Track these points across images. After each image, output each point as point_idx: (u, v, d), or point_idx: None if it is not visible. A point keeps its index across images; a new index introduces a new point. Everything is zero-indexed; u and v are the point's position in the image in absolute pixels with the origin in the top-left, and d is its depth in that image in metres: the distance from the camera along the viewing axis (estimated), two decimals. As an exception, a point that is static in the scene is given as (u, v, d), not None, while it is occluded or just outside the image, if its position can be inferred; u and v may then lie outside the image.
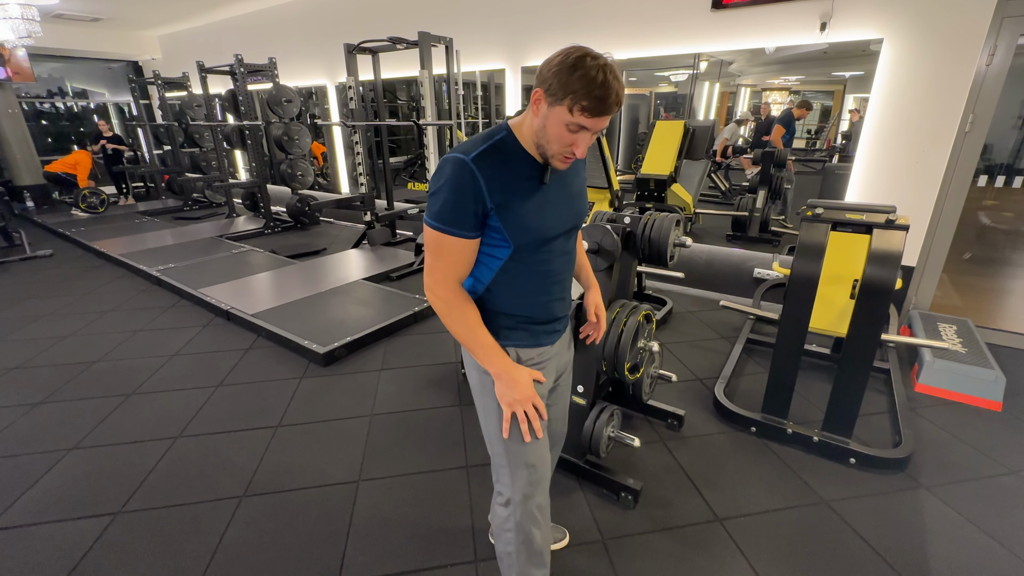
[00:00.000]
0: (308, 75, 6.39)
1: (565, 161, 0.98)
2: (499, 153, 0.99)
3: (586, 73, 0.87)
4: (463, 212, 0.98)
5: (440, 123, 4.24)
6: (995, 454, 2.09)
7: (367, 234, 5.12)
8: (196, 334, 3.35)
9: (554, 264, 1.11)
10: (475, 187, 0.96)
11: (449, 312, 1.05)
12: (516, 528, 1.23)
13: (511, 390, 1.08)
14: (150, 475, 2.04)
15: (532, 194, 1.02)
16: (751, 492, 1.91)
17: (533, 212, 1.02)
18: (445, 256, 1.02)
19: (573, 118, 0.90)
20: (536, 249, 1.06)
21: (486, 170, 0.96)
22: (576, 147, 0.95)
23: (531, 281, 1.10)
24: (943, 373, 2.47)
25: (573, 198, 1.12)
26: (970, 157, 2.80)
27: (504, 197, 0.99)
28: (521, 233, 1.02)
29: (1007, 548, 1.66)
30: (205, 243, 5.43)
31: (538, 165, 1.03)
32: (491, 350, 1.08)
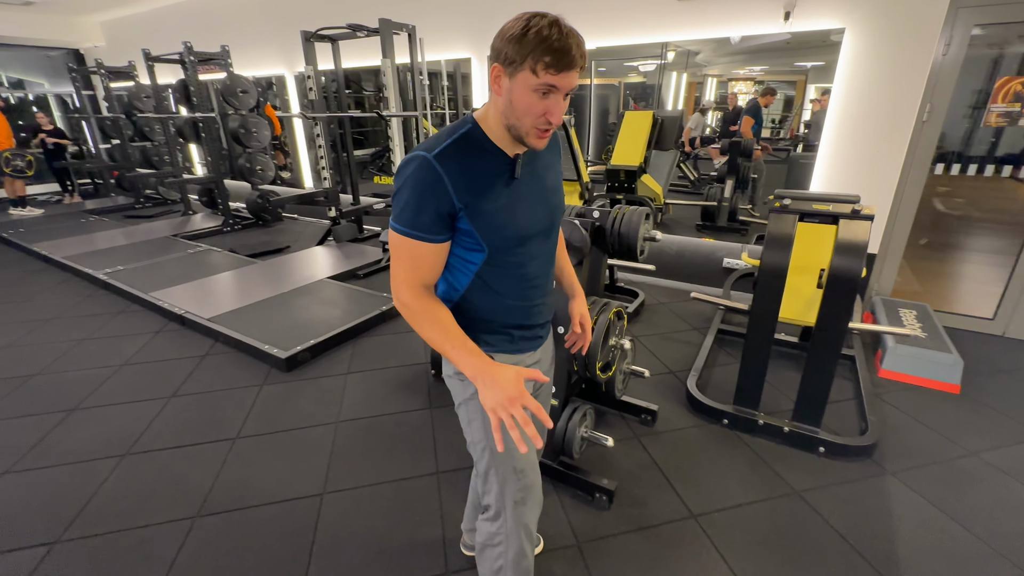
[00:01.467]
0: (264, 64, 6.10)
1: (541, 136, 0.90)
2: (465, 148, 0.92)
3: (539, 30, 0.82)
4: (427, 214, 0.90)
5: (405, 114, 4.10)
6: (955, 436, 2.15)
7: (332, 230, 4.94)
8: (147, 342, 3.15)
9: (531, 266, 1.05)
10: (439, 187, 0.89)
11: (417, 317, 0.97)
12: (506, 541, 1.15)
13: (494, 391, 0.90)
14: (94, 498, 1.89)
15: (503, 191, 0.95)
16: (725, 486, 1.91)
17: (505, 210, 0.95)
18: (410, 261, 0.95)
19: (539, 79, 0.83)
20: (511, 250, 0.99)
21: (451, 167, 0.89)
22: (550, 114, 0.87)
23: (509, 285, 1.03)
24: (905, 358, 2.53)
25: (547, 193, 1.05)
26: (927, 146, 2.86)
27: (472, 196, 0.92)
28: (493, 234, 0.95)
29: (968, 530, 1.70)
30: (158, 243, 5.14)
31: (507, 159, 0.96)
32: (466, 351, 0.94)
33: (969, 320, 3.06)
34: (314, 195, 4.84)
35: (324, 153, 4.77)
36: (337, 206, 5.00)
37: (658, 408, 2.27)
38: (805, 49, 8.75)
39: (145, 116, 6.47)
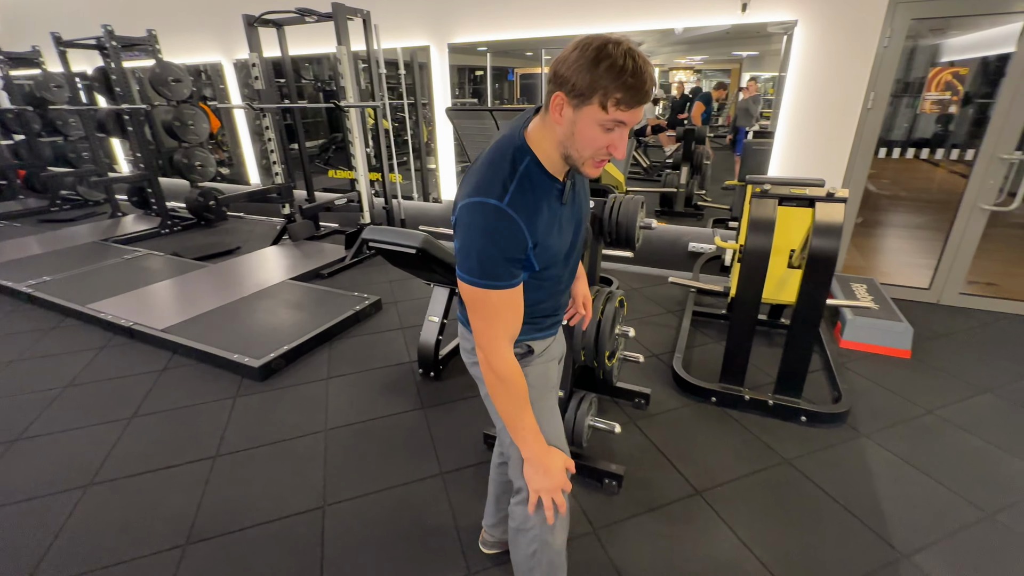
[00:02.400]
0: (198, 51, 5.62)
1: (598, 166, 0.88)
2: (529, 187, 0.89)
3: (614, 63, 0.76)
4: (508, 263, 0.88)
5: (364, 104, 3.92)
6: (913, 397, 2.36)
7: (287, 228, 4.67)
8: (92, 359, 2.85)
9: (566, 271, 1.09)
10: (518, 235, 0.87)
11: (507, 386, 0.96)
12: (541, 523, 1.15)
13: (543, 478, 1.02)
14: (58, 538, 1.70)
15: (555, 216, 0.94)
16: (721, 461, 1.99)
17: (556, 235, 0.96)
18: (496, 315, 0.92)
19: (609, 115, 0.80)
20: (553, 267, 1.01)
21: (523, 214, 0.87)
22: (614, 148, 0.85)
23: (546, 291, 1.06)
24: (863, 328, 2.74)
25: (584, 206, 1.07)
26: (872, 131, 3.09)
27: (540, 233, 0.91)
28: (546, 257, 0.96)
29: (937, 480, 1.88)
30: (86, 249, 4.65)
31: (560, 186, 0.94)
32: (533, 434, 1.01)
33: (909, 291, 3.36)
34: (266, 191, 4.55)
35: (274, 147, 4.49)
36: (291, 202, 4.73)
37: (650, 391, 2.33)
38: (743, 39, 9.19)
39: (58, 108, 5.80)
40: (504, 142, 0.92)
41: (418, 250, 2.06)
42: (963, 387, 2.43)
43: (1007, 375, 2.51)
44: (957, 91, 2.94)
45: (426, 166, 5.30)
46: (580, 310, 1.35)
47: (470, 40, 4.34)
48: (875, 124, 3.07)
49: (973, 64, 2.97)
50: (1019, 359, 2.65)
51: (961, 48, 3.34)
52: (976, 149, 2.97)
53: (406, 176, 5.21)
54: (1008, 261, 3.84)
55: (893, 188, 5.83)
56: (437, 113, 4.76)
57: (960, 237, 3.12)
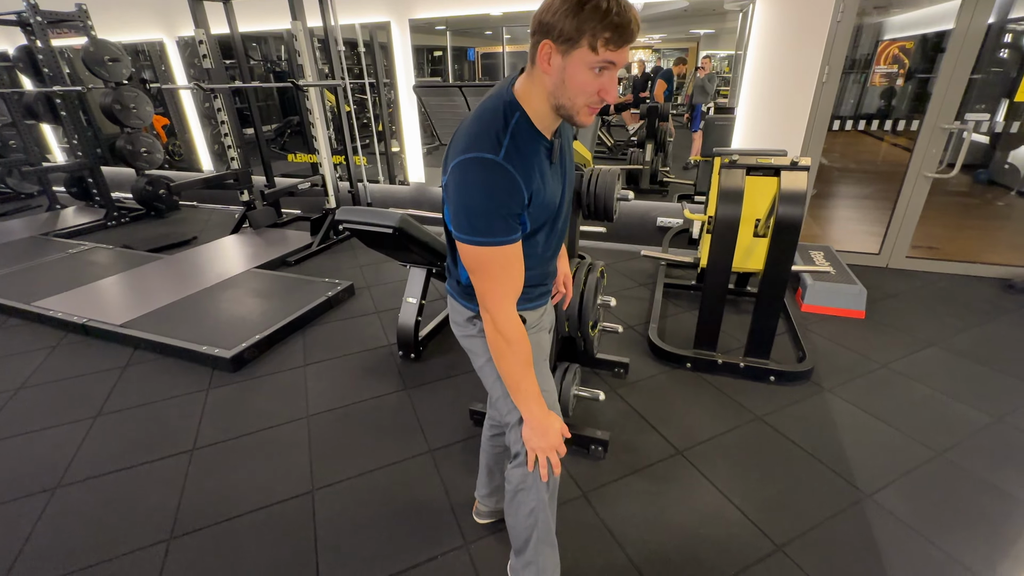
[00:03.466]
0: (135, 28, 5.24)
1: (591, 113, 0.88)
2: (522, 142, 0.89)
3: (598, 4, 0.78)
4: (507, 218, 0.88)
5: (324, 84, 3.77)
6: (868, 354, 2.54)
7: (248, 216, 4.47)
8: (44, 359, 2.68)
9: (556, 232, 1.09)
10: (516, 190, 0.87)
11: (513, 347, 0.97)
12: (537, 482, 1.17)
13: (541, 438, 1.06)
14: (28, 543, 1.61)
15: (547, 174, 0.95)
16: (700, 422, 2.09)
17: (548, 193, 0.96)
18: (500, 272, 0.92)
19: (599, 56, 0.80)
20: (544, 225, 1.02)
21: (519, 167, 0.86)
22: (605, 91, 0.85)
23: (536, 254, 1.06)
24: (822, 293, 2.90)
25: (570, 167, 1.07)
26: (827, 104, 3.23)
27: (535, 188, 0.91)
28: (539, 215, 0.97)
29: (891, 425, 2.04)
30: (24, 245, 4.32)
31: (548, 144, 0.95)
32: (534, 398, 1.03)
33: (861, 256, 3.57)
34: (222, 178, 4.33)
35: (229, 130, 4.26)
36: (250, 189, 4.53)
37: (629, 360, 2.40)
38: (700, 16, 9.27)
39: (-24, 92, 5.28)
40: (492, 100, 0.93)
41: (395, 229, 2.03)
42: (912, 342, 2.62)
43: (949, 329, 2.73)
44: (904, 64, 3.10)
45: (390, 149, 5.17)
46: (561, 288, 1.39)
47: (431, 16, 4.22)
48: (830, 97, 3.20)
49: (917, 40, 3.15)
50: (959, 314, 2.88)
51: (904, 25, 3.52)
52: (920, 120, 3.16)
53: (370, 160, 5.07)
54: (947, 226, 4.14)
55: (843, 161, 6.14)
56: (401, 93, 4.63)
57: (906, 204, 3.32)
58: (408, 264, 2.56)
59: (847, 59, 3.18)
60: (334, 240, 4.28)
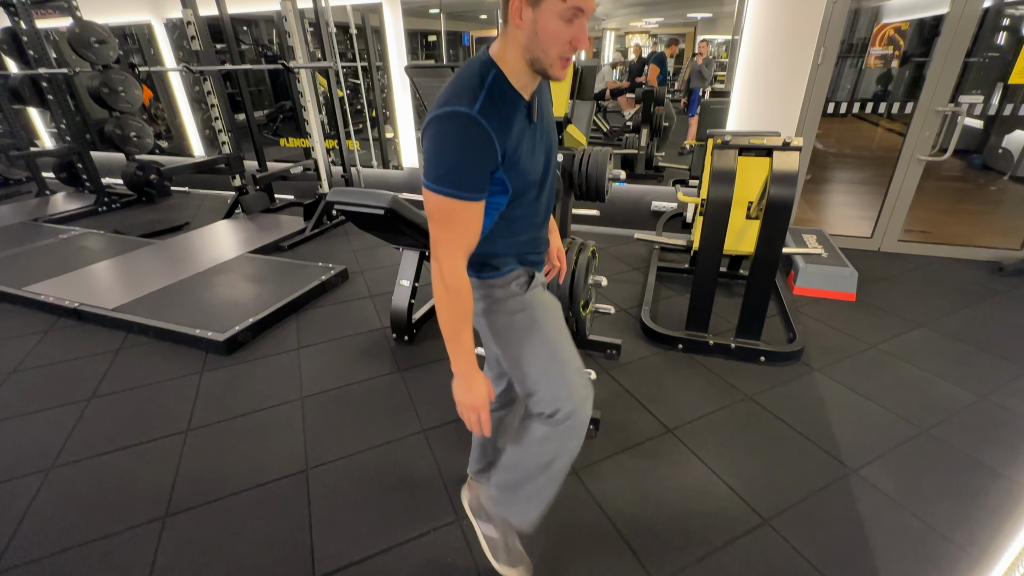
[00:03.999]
0: (122, 10, 5.13)
1: (565, 65, 0.89)
2: (498, 97, 0.89)
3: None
4: (475, 173, 0.88)
5: (316, 66, 3.72)
6: (857, 335, 2.56)
7: (240, 201, 4.44)
8: (36, 343, 2.67)
9: (542, 200, 1.10)
10: (488, 144, 0.86)
11: (451, 298, 0.97)
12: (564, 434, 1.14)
13: (467, 394, 1.05)
14: (24, 521, 1.62)
15: (525, 135, 0.95)
16: (690, 401, 2.11)
17: (527, 154, 0.96)
18: (456, 225, 0.92)
19: (567, 3, 0.82)
20: (528, 191, 1.03)
21: (494, 122, 0.86)
22: (576, 40, 0.85)
23: (525, 223, 1.08)
24: (813, 275, 2.92)
25: (552, 129, 1.08)
26: (822, 87, 3.21)
27: (510, 148, 0.91)
28: (520, 179, 0.97)
29: (878, 404, 2.07)
30: (14, 230, 4.28)
31: (526, 103, 0.95)
32: (467, 350, 1.02)
33: (854, 240, 3.59)
34: (213, 163, 4.29)
35: (220, 114, 4.21)
36: (242, 174, 4.49)
37: (621, 342, 2.41)
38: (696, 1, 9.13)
39: (-40, 75, 5.18)
40: (470, 62, 0.94)
41: (387, 210, 2.02)
42: (901, 323, 2.65)
43: (938, 311, 2.75)
44: (899, 46, 3.08)
45: (384, 135, 5.12)
46: (555, 262, 1.39)
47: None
48: (824, 79, 3.19)
49: (913, 23, 3.13)
50: (949, 297, 2.91)
51: (900, 10, 3.49)
52: (914, 103, 3.15)
53: (364, 146, 5.02)
54: (939, 211, 4.16)
55: (838, 146, 6.13)
56: (394, 78, 4.58)
57: (899, 187, 3.33)
58: (401, 247, 2.55)
59: (844, 43, 3.16)
60: (328, 225, 4.26)
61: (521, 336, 1.12)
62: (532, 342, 1.11)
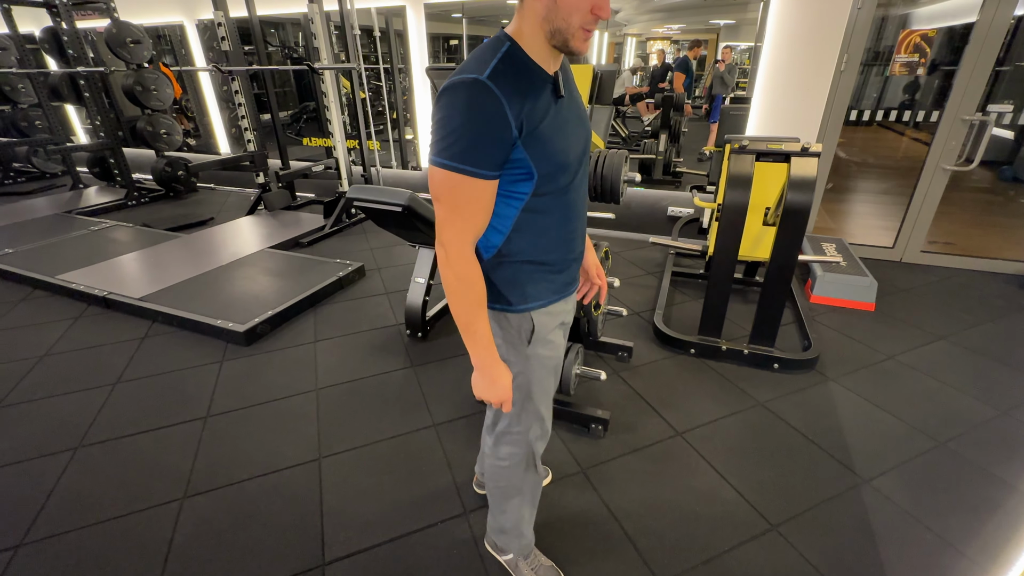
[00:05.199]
0: (156, 10, 5.32)
1: (587, 37, 0.84)
2: (513, 66, 0.82)
3: None
4: (486, 145, 0.81)
5: (340, 67, 3.81)
6: (875, 345, 2.52)
7: (263, 198, 4.55)
8: (67, 329, 2.78)
9: (575, 192, 0.99)
10: (499, 112, 0.79)
11: (461, 285, 0.90)
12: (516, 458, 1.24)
13: (490, 390, 1.01)
14: (52, 496, 1.70)
15: (552, 111, 0.87)
16: (700, 406, 2.11)
17: (555, 133, 0.88)
18: (463, 205, 0.85)
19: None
20: (558, 177, 0.92)
21: (507, 89, 0.79)
22: (598, 7, 0.80)
23: (554, 217, 0.97)
24: (831, 284, 2.88)
25: (582, 114, 0.98)
26: (844, 94, 3.18)
27: (529, 120, 0.83)
28: (545, 160, 0.88)
29: (894, 415, 2.03)
30: (48, 222, 4.45)
31: (549, 77, 0.88)
32: (485, 341, 0.96)
33: (875, 250, 3.52)
34: (238, 160, 4.41)
35: (246, 112, 4.33)
36: (265, 171, 4.60)
37: (633, 344, 2.42)
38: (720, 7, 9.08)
39: (3, 72, 5.43)
40: (486, 41, 0.89)
41: (404, 207, 2.06)
42: (921, 335, 2.60)
43: (960, 324, 2.69)
44: (925, 53, 3.03)
45: (404, 136, 5.20)
46: (595, 279, 1.29)
47: (447, 0, 4.22)
48: (847, 87, 3.15)
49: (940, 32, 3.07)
50: (972, 310, 2.84)
51: (928, 17, 3.43)
52: (940, 111, 3.09)
53: (384, 147, 5.11)
54: (965, 222, 4.06)
55: (862, 155, 6.02)
56: (415, 80, 4.66)
57: (923, 197, 3.27)
58: (417, 245, 2.60)
59: (870, 51, 3.12)
60: (347, 223, 4.34)
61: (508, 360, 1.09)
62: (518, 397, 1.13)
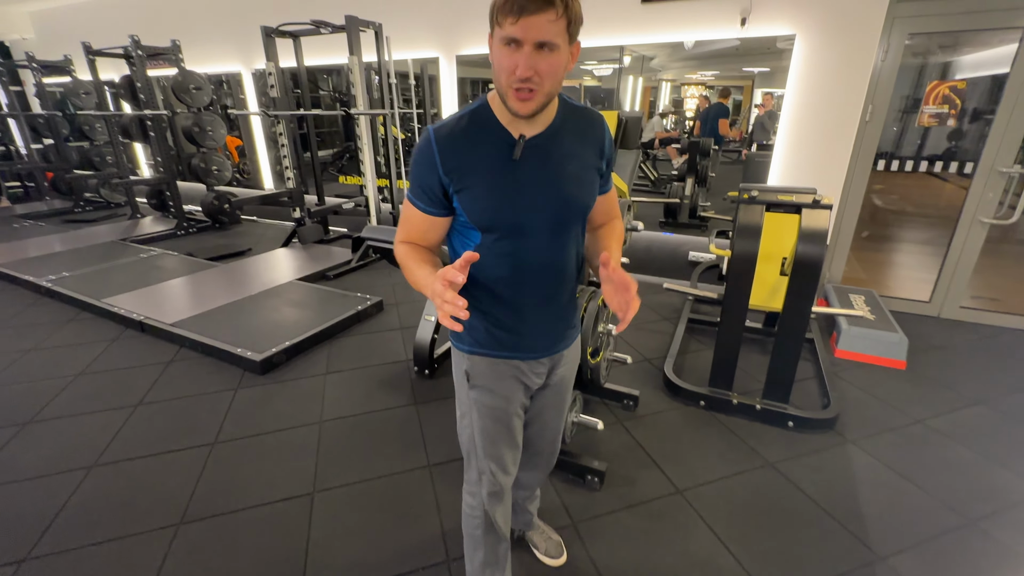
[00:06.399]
0: (219, 60, 5.86)
1: (520, 97, 0.85)
2: (468, 124, 0.93)
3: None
4: (419, 183, 0.96)
5: (373, 112, 4.05)
6: (904, 407, 2.36)
7: (297, 231, 4.80)
8: (104, 350, 2.97)
9: (527, 257, 0.99)
10: (431, 160, 0.93)
11: (401, 257, 1.04)
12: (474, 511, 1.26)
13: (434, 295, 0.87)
14: (62, 512, 1.78)
15: (498, 171, 0.93)
16: (705, 462, 2.01)
17: (496, 192, 0.93)
18: (407, 222, 1.04)
19: (504, 30, 0.81)
20: (505, 237, 0.97)
21: (444, 143, 0.92)
22: (518, 68, 0.82)
23: (501, 274, 1.01)
24: (857, 338, 2.74)
25: (558, 181, 0.96)
26: (870, 144, 3.11)
27: (461, 174, 0.93)
28: (481, 215, 0.95)
29: (919, 487, 1.88)
30: (105, 248, 4.83)
31: (509, 138, 0.93)
32: (423, 274, 0.95)
33: (909, 303, 3.35)
34: (277, 195, 4.70)
35: (288, 152, 4.64)
36: (301, 207, 4.87)
37: (639, 393, 2.36)
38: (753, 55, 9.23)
39: (85, 114, 6.06)
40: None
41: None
42: (955, 399, 2.41)
43: (1002, 388, 2.49)
44: (955, 105, 2.95)
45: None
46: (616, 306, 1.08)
47: (478, 52, 4.47)
48: (873, 136, 3.09)
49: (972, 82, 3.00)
50: (1016, 373, 2.63)
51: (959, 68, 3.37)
52: (975, 162, 2.98)
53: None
54: (1014, 277, 3.80)
55: (900, 203, 5.80)
56: (445, 122, 4.88)
57: (960, 250, 3.11)
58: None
59: (907, 98, 3.07)
60: (373, 258, 4.50)
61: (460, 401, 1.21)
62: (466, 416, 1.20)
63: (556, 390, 1.24)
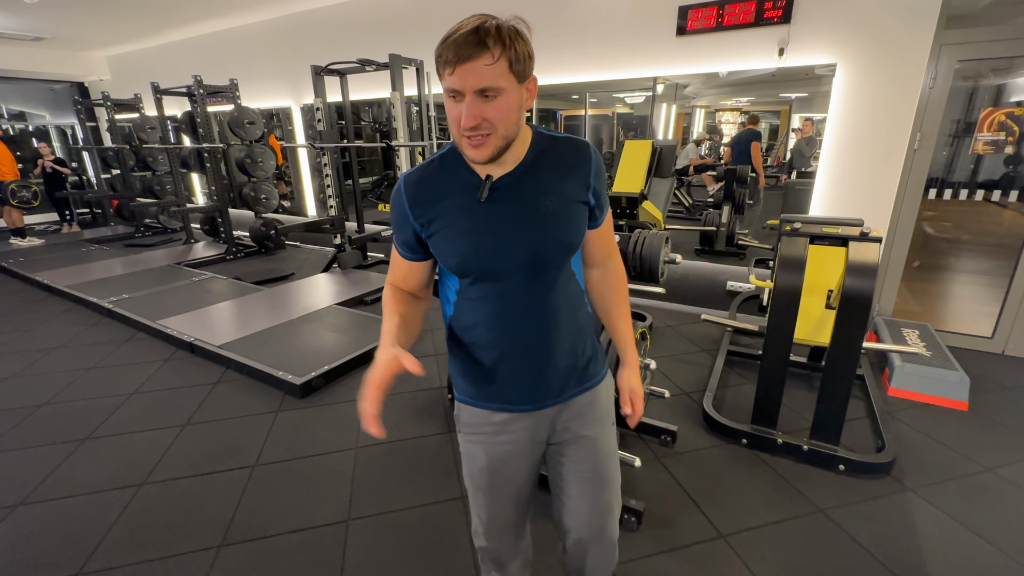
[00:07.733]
0: (271, 96, 6.25)
1: (472, 144, 0.82)
2: (436, 169, 0.92)
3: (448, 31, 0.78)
4: (397, 228, 0.98)
5: (412, 144, 4.21)
6: (969, 453, 2.19)
7: (337, 257, 4.97)
8: (156, 369, 3.12)
9: (510, 301, 0.93)
10: (401, 207, 0.94)
11: (383, 301, 1.04)
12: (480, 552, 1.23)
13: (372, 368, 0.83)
14: (112, 529, 1.85)
15: (466, 214, 0.89)
16: (750, 505, 1.92)
17: (465, 236, 0.90)
18: (392, 265, 1.06)
19: (444, 83, 0.80)
20: (478, 281, 0.93)
21: (412, 188, 0.92)
22: (459, 117, 0.79)
23: (479, 319, 0.96)
24: (913, 376, 2.59)
25: (532, 221, 0.89)
26: (920, 172, 3.00)
27: (430, 218, 0.91)
28: (451, 258, 0.92)
29: (992, 544, 1.73)
30: (161, 271, 5.13)
31: (477, 180, 0.89)
32: (383, 333, 0.90)
33: (969, 339, 3.14)
34: (319, 223, 4.90)
35: (331, 182, 4.85)
36: (342, 233, 5.05)
37: (677, 429, 2.29)
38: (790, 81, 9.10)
39: (149, 147, 6.55)
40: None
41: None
42: (1029, 445, 2.23)
43: (1082, 435, 2.29)
44: (1012, 132, 2.82)
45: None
46: (626, 408, 1.10)
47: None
48: (923, 165, 2.98)
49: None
50: (1098, 418, 2.41)
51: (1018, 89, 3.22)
52: (1039, 190, 2.82)
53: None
54: (1089, 311, 3.51)
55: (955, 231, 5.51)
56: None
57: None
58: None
59: (957, 122, 2.96)
60: (408, 283, 4.60)
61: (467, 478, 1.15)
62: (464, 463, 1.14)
63: (579, 451, 1.06)
